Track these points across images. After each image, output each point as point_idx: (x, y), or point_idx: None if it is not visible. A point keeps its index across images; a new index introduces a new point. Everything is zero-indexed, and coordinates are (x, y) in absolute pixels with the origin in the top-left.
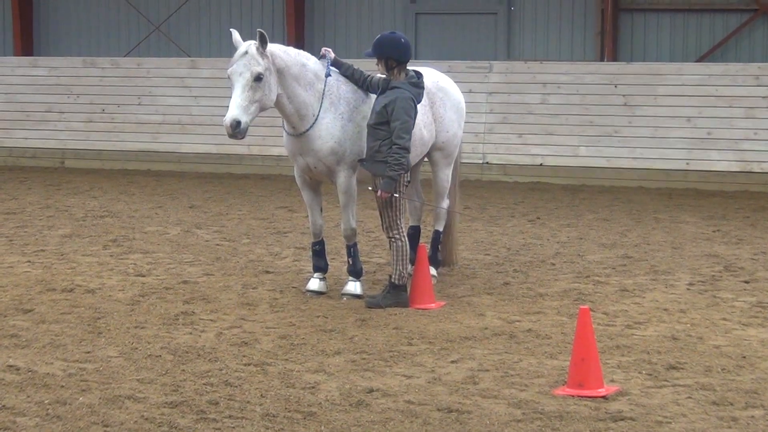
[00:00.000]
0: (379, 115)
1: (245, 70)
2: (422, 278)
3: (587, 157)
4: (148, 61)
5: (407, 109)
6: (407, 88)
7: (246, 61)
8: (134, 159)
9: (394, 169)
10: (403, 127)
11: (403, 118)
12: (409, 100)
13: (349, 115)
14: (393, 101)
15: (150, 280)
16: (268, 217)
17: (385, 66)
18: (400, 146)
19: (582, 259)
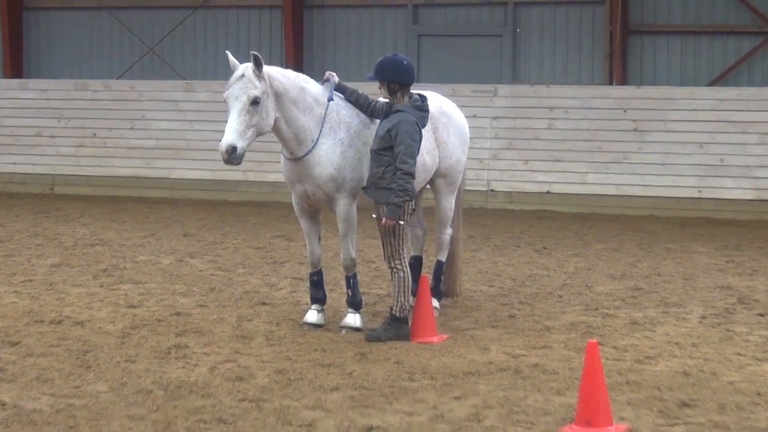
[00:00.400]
0: (383, 139)
1: (242, 94)
2: (424, 310)
3: (596, 184)
4: (141, 83)
5: (411, 133)
6: (411, 111)
7: (242, 84)
8: (126, 185)
9: (399, 195)
10: (407, 152)
11: (407, 143)
12: (414, 123)
13: (350, 141)
14: (396, 125)
15: (141, 311)
16: (264, 246)
17: (388, 89)
18: (404, 172)
19: (590, 291)
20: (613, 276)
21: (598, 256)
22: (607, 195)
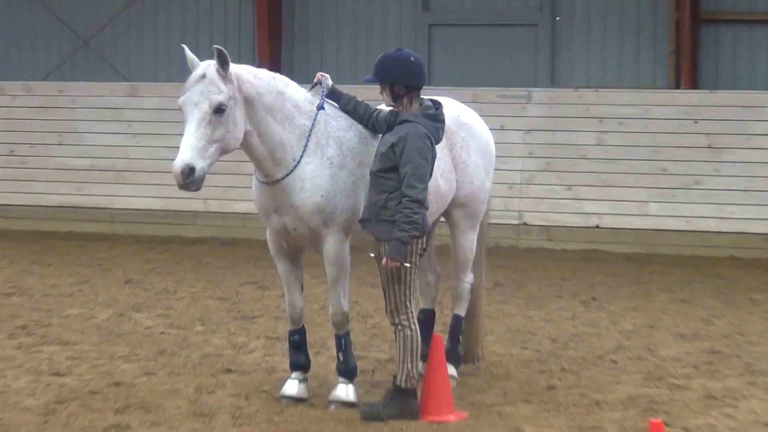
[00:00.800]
0: (385, 158)
1: (202, 99)
2: (437, 380)
3: (659, 216)
4: (72, 86)
5: (421, 149)
6: (421, 122)
7: (203, 87)
8: (52, 217)
9: (404, 229)
10: (416, 173)
11: (415, 161)
12: (424, 137)
13: (341, 161)
14: (402, 139)
15: (70, 380)
16: (230, 296)
17: (391, 94)
18: (412, 199)
19: (653, 355)
20: (682, 336)
21: (663, 310)
22: (673, 230)
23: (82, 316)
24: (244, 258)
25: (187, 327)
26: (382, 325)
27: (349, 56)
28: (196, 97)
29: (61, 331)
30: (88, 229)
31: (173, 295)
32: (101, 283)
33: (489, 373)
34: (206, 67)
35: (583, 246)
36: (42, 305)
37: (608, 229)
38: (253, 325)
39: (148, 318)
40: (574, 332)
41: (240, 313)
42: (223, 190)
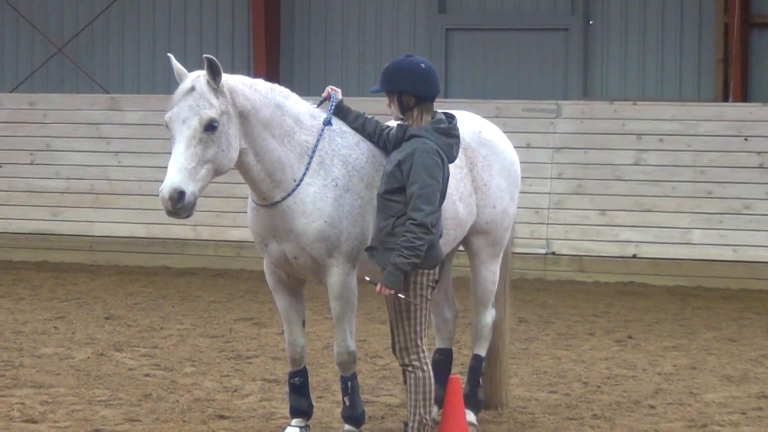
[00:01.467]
0: (391, 178)
1: (191, 115)
2: (455, 427)
3: (704, 245)
4: (46, 98)
5: (429, 166)
6: (431, 136)
7: (192, 101)
8: (24, 245)
9: (403, 254)
10: (423, 193)
11: (423, 180)
12: (433, 154)
13: (347, 182)
14: (410, 156)
15: (45, 428)
16: (223, 333)
17: (399, 105)
18: (416, 222)
19: (696, 400)
20: (729, 378)
21: (708, 350)
22: (720, 261)
23: (57, 355)
24: (239, 291)
25: (174, 368)
26: (393, 366)
27: (356, 66)
28: (185, 113)
29: (34, 373)
30: (64, 259)
31: (159, 332)
32: (79, 319)
33: (513, 420)
34: (195, 79)
35: (618, 278)
36: (12, 344)
37: (647, 259)
38: (249, 366)
39: (132, 358)
40: (608, 374)
41: (234, 352)
42: (216, 216)
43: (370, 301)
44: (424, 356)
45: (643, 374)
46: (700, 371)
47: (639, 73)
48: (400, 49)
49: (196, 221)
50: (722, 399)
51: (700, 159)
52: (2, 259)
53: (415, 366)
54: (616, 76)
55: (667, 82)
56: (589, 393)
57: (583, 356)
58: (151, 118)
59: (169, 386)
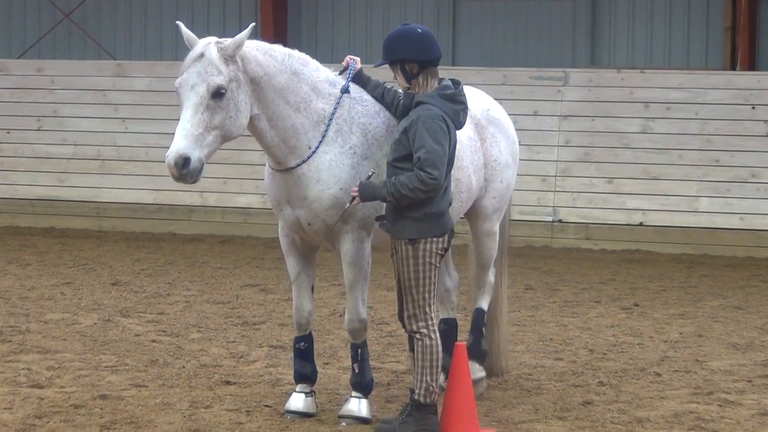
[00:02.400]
0: (399, 145)
1: (199, 82)
2: (461, 394)
3: (711, 213)
4: (52, 64)
5: (434, 131)
6: (436, 102)
7: (201, 68)
8: (30, 211)
9: (388, 187)
10: (428, 158)
11: (428, 146)
12: (438, 119)
13: (366, 150)
14: (415, 122)
15: (51, 393)
16: (229, 300)
17: (403, 74)
18: (420, 178)
19: (702, 368)
20: (735, 346)
21: (714, 317)
22: (726, 229)
23: (63, 321)
24: (245, 258)
25: (181, 334)
26: (399, 333)
27: (363, 32)
28: (193, 79)
29: (40, 338)
30: (71, 225)
31: (166, 298)
32: (85, 284)
33: (518, 386)
34: (205, 45)
35: (625, 246)
36: (19, 309)
37: (653, 227)
38: (255, 332)
39: (138, 324)
40: (614, 342)
41: (240, 319)
42: (222, 182)
43: (376, 267)
44: (432, 324)
45: (649, 342)
46: (706, 339)
47: (647, 41)
48: (408, 16)
49: (203, 188)
50: (728, 366)
51: (708, 127)
52: (9, 225)
53: (423, 333)
54: (623, 44)
55: (675, 50)
56: (595, 360)
57: (589, 323)
58: (157, 85)
59: (176, 352)
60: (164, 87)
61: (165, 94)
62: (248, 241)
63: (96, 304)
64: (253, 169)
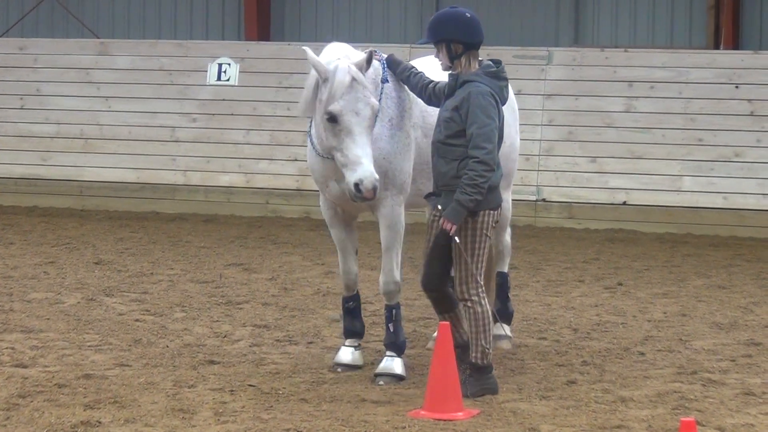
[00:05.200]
0: (450, 122)
1: (364, 107)
2: (444, 374)
3: (694, 192)
4: (35, 43)
5: (485, 107)
6: (484, 80)
7: (359, 93)
8: (13, 190)
9: (467, 192)
10: (481, 132)
11: (481, 120)
12: (488, 95)
13: (400, 121)
14: (465, 100)
15: (34, 372)
16: (213, 279)
17: (448, 54)
18: (478, 160)
19: (685, 347)
20: (718, 325)
21: (698, 297)
22: (709, 208)
23: (47, 300)
24: (229, 237)
25: (164, 314)
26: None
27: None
28: (359, 105)
29: (23, 318)
30: (54, 204)
31: (149, 277)
32: (69, 264)
33: (502, 366)
34: (347, 69)
35: (608, 225)
36: (2, 288)
37: (637, 206)
38: (239, 311)
39: (122, 303)
40: (598, 321)
41: (224, 298)
42: (206, 161)
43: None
44: (482, 291)
45: (633, 321)
46: (689, 318)
47: (630, 20)
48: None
49: (186, 166)
50: (712, 346)
51: (691, 106)
52: None
53: (474, 301)
54: (607, 23)
55: (659, 29)
56: (578, 340)
57: (572, 303)
58: (140, 63)
59: (159, 331)
60: (147, 66)
61: (148, 73)
62: (231, 220)
63: (79, 283)
64: (236, 148)
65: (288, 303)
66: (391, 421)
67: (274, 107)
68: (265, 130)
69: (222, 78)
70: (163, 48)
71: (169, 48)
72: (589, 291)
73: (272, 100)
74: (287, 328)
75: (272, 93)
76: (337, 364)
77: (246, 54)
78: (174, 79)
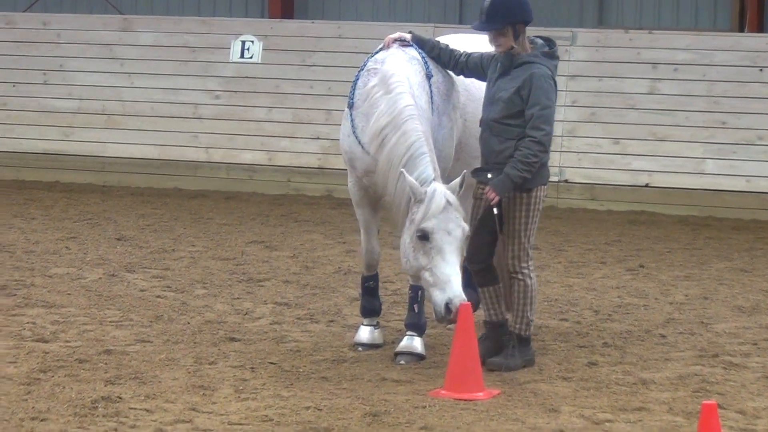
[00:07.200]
0: (510, 103)
1: (455, 228)
2: (466, 354)
3: (717, 175)
4: (58, 19)
5: (547, 90)
6: (544, 62)
7: (452, 215)
8: (35, 165)
9: (518, 168)
10: (543, 114)
11: (543, 102)
12: (549, 78)
13: (445, 108)
14: (528, 81)
15: (56, 347)
16: (234, 256)
17: (514, 36)
18: (536, 140)
19: (707, 330)
20: (740, 308)
21: (719, 279)
22: (732, 191)
23: (68, 276)
24: (250, 214)
25: (185, 290)
26: (403, 292)
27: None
28: (451, 226)
29: (45, 293)
30: (76, 180)
31: (171, 254)
32: (90, 239)
33: None
34: (443, 193)
35: (630, 207)
36: (24, 263)
37: (659, 188)
38: (260, 289)
39: (143, 279)
40: (619, 303)
41: (245, 275)
42: (228, 138)
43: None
44: (533, 264)
45: (655, 303)
46: (711, 301)
47: (655, 2)
48: None
49: (208, 143)
50: (733, 329)
51: (715, 89)
52: (14, 179)
53: (525, 274)
54: (631, 5)
55: (683, 11)
56: (600, 321)
57: (594, 284)
58: (164, 40)
59: (180, 308)
60: (170, 42)
61: (171, 50)
62: (253, 197)
63: (101, 259)
64: (258, 126)
65: (309, 281)
66: (411, 401)
67: (296, 85)
68: (288, 108)
69: (245, 55)
70: (186, 25)
71: (193, 25)
72: (610, 273)
73: (295, 78)
74: (308, 306)
75: (295, 71)
76: (357, 344)
77: (269, 31)
78: (197, 56)
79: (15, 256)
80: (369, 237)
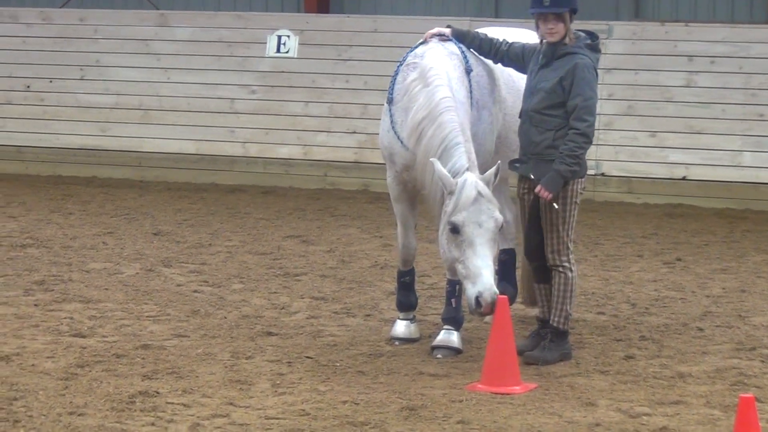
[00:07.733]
0: (551, 94)
1: (487, 219)
2: (502, 347)
3: (754, 167)
4: (95, 14)
5: (590, 81)
6: (587, 53)
7: (484, 206)
8: (72, 161)
9: (566, 162)
10: (586, 105)
11: (586, 93)
12: (591, 69)
13: (484, 101)
14: (570, 72)
15: (93, 342)
16: (271, 251)
17: (566, 24)
18: (579, 131)
19: (744, 323)
20: None
21: (757, 272)
22: None
23: (106, 270)
24: (287, 209)
25: (222, 285)
26: (440, 286)
27: None
28: (483, 218)
29: (82, 288)
30: (113, 175)
31: (208, 248)
32: (127, 234)
33: None
34: (475, 185)
35: (667, 200)
36: (62, 258)
37: (696, 181)
38: (297, 283)
39: (180, 274)
40: (656, 296)
41: (282, 270)
42: (265, 133)
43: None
44: (573, 257)
45: (692, 296)
46: (749, 294)
47: None
48: None
49: (245, 138)
50: None
51: (752, 81)
52: (51, 174)
53: (565, 267)
54: None
55: (720, 3)
56: (637, 315)
57: (631, 278)
58: (200, 35)
59: (217, 303)
60: (207, 37)
61: (207, 45)
62: (290, 192)
63: (138, 253)
64: (294, 120)
65: (345, 275)
66: (448, 395)
67: (332, 80)
68: (324, 103)
69: (281, 50)
70: (222, 20)
71: (229, 20)
72: (647, 266)
73: (331, 72)
74: (345, 301)
75: (331, 65)
76: (393, 338)
77: (305, 26)
78: (233, 51)
79: (53, 252)
80: (406, 232)
